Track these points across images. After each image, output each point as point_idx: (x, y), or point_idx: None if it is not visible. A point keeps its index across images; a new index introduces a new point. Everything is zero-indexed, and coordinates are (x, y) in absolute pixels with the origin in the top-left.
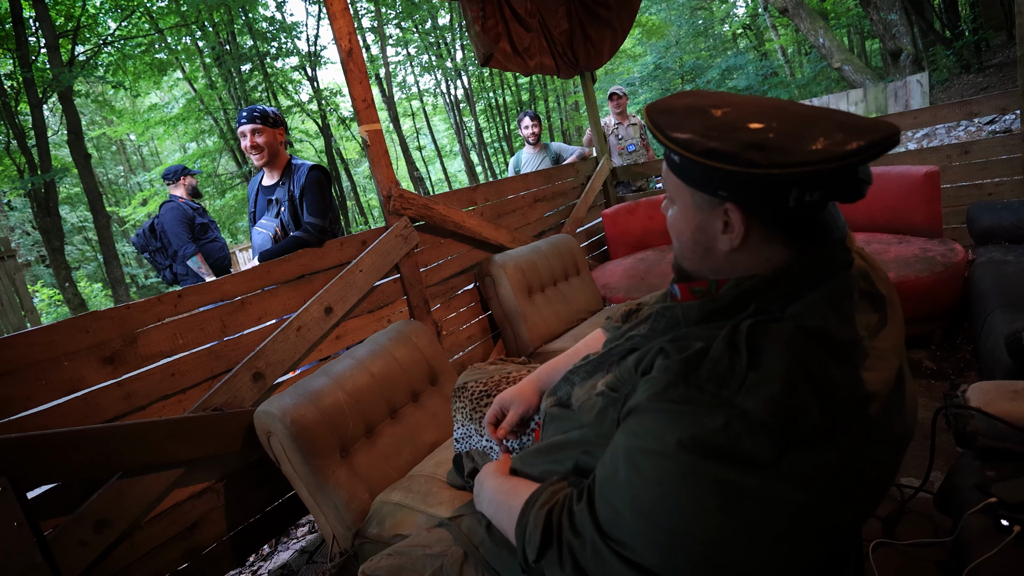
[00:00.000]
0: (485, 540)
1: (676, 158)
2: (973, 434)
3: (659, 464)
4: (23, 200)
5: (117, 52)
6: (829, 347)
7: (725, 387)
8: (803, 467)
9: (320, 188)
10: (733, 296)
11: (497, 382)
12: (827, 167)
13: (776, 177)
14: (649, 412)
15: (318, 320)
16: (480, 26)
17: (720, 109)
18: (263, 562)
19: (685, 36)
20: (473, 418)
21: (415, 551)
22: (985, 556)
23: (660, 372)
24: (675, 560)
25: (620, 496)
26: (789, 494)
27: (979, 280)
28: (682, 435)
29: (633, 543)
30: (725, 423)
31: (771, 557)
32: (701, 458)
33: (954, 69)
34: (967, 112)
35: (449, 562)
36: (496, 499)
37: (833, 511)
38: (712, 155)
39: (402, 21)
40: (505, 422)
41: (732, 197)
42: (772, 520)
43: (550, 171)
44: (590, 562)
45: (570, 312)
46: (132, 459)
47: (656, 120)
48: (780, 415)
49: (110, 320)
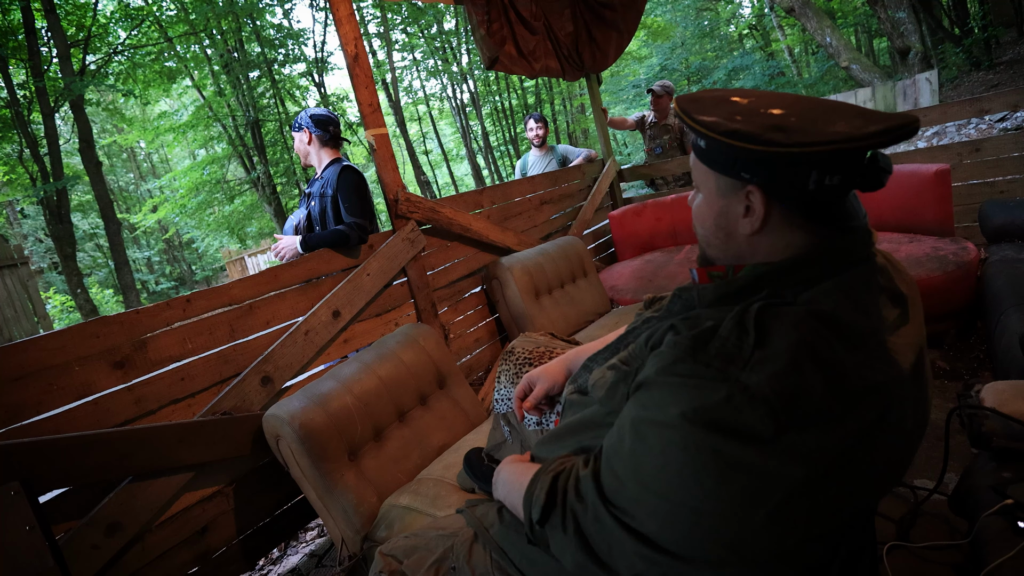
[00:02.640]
0: (495, 522)
1: (702, 143)
2: (988, 435)
3: (662, 435)
4: (36, 208)
5: (127, 61)
6: (839, 332)
7: (732, 364)
8: (803, 445)
9: (357, 190)
10: (748, 280)
11: (542, 353)
12: (847, 146)
13: (797, 156)
14: (656, 385)
15: (326, 324)
16: (485, 29)
17: (745, 99)
18: (273, 566)
19: (691, 37)
20: (515, 382)
21: (430, 533)
22: (1002, 559)
23: (669, 347)
24: (672, 528)
25: (624, 465)
26: (787, 470)
27: (992, 279)
28: (686, 407)
29: (634, 511)
30: (728, 396)
31: (764, 532)
32: (703, 430)
33: (964, 67)
34: (978, 109)
35: (459, 542)
36: (509, 480)
37: (831, 494)
38: (735, 135)
39: (408, 26)
40: (532, 396)
41: (754, 179)
42: (767, 495)
43: (556, 173)
44: (591, 527)
45: (578, 314)
46: (143, 463)
47: (684, 107)
48: (782, 392)
49: (120, 325)
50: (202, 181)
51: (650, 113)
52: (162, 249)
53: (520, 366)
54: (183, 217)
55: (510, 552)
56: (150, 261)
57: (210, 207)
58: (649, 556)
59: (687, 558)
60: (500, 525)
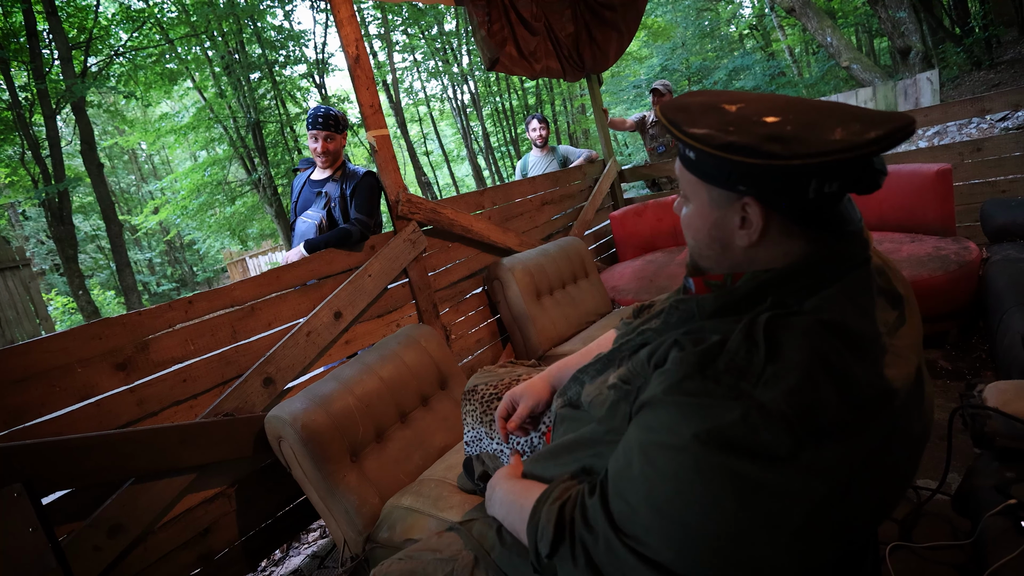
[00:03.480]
0: (496, 544)
1: (691, 154)
2: (991, 435)
3: (675, 458)
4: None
5: (128, 63)
6: (848, 341)
7: (743, 379)
8: (822, 460)
9: (371, 192)
10: (749, 289)
11: (507, 384)
12: (848, 156)
13: (797, 168)
14: (664, 405)
15: (327, 325)
16: (486, 30)
17: (734, 105)
18: (275, 567)
19: (691, 37)
20: (483, 421)
21: (425, 555)
22: (1006, 559)
23: (675, 364)
24: (691, 555)
25: (634, 491)
26: (807, 487)
27: (994, 278)
28: (698, 428)
29: (648, 538)
30: (743, 415)
31: (788, 552)
32: (718, 451)
33: (964, 66)
34: (979, 109)
35: (460, 567)
36: (507, 500)
37: (851, 507)
38: (731, 148)
39: (408, 27)
40: (515, 415)
41: (751, 191)
42: (790, 514)
43: (557, 174)
44: (603, 557)
45: (579, 315)
46: (145, 464)
47: (672, 118)
48: (799, 407)
49: (122, 327)
50: (203, 183)
51: (651, 113)
52: (163, 251)
53: (487, 403)
54: (184, 219)
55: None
56: (151, 263)
57: (211, 209)
58: None
59: None
60: (501, 547)
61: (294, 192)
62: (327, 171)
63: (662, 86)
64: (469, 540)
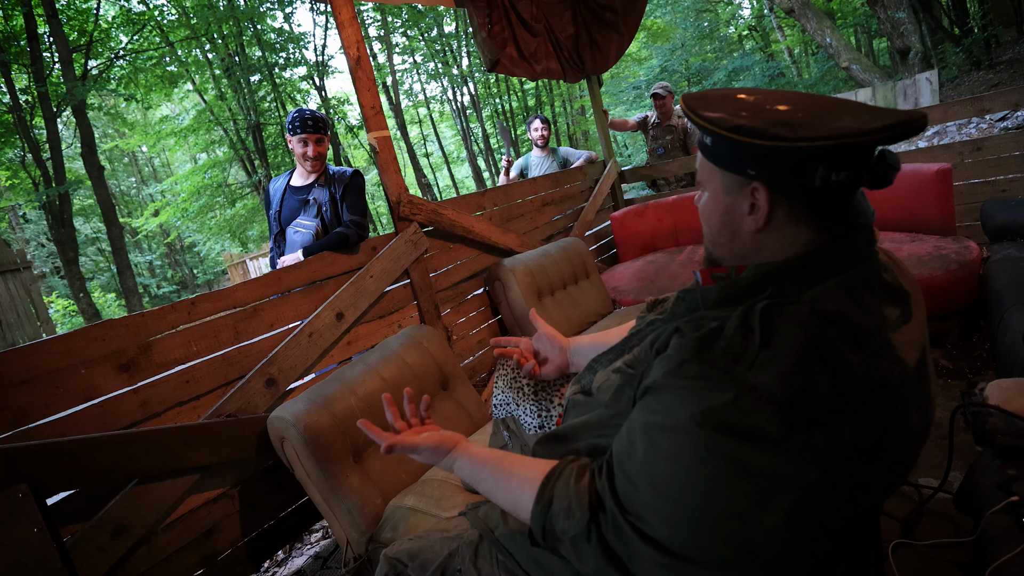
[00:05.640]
0: (499, 524)
1: (708, 140)
2: (992, 432)
3: (673, 439)
4: (38, 212)
5: (129, 65)
6: (844, 330)
7: (737, 364)
8: (812, 445)
9: (360, 191)
10: (751, 280)
11: None
12: (853, 141)
13: (803, 151)
14: (664, 389)
15: (330, 326)
16: (486, 32)
17: (751, 96)
18: (278, 568)
19: (691, 39)
20: (513, 387)
21: (434, 535)
22: (1008, 555)
23: (675, 350)
24: (685, 533)
25: (637, 470)
26: (797, 471)
27: (995, 277)
28: (695, 410)
29: (647, 516)
30: (735, 398)
31: (778, 533)
32: (712, 432)
33: (964, 66)
34: (978, 109)
35: (465, 544)
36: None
37: (841, 494)
38: (741, 130)
39: (408, 29)
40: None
41: (760, 175)
42: (779, 496)
43: (558, 175)
44: (611, 534)
45: (580, 315)
46: (148, 465)
47: (691, 103)
48: (789, 391)
49: (125, 328)
50: (203, 185)
51: (652, 114)
52: (164, 253)
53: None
54: (185, 221)
55: (516, 554)
56: (152, 265)
57: (211, 211)
58: (665, 563)
59: (699, 561)
60: (504, 527)
61: (273, 201)
62: (311, 176)
63: (663, 89)
64: (475, 520)
